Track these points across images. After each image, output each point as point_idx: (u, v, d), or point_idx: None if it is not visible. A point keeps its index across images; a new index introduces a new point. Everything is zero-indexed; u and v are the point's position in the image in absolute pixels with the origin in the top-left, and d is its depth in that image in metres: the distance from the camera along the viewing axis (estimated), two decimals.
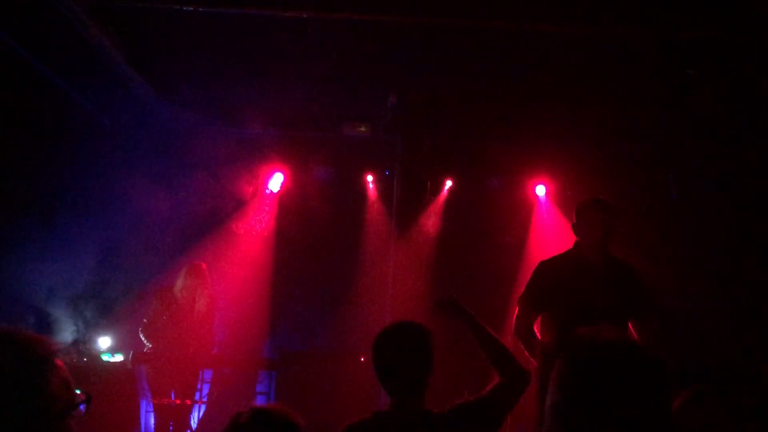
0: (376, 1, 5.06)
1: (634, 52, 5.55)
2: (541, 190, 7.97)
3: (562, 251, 3.98)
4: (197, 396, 6.02)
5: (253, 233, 7.69)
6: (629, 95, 6.41)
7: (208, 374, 6.16)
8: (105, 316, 6.56)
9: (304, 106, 7.18)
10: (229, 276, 7.28)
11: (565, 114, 6.93)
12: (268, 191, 7.82)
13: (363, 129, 7.38)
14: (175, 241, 7.28)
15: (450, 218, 7.92)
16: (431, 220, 7.89)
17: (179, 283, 5.86)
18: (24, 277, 5.79)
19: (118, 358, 5.96)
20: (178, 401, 5.69)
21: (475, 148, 7.76)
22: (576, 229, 3.86)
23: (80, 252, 6.46)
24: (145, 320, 5.83)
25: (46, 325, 6.07)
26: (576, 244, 3.88)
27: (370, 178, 8.04)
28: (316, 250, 7.65)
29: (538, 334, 3.80)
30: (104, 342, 6.40)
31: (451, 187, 8.06)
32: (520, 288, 3.97)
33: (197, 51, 5.97)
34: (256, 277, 7.58)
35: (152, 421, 5.77)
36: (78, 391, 1.52)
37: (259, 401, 6.22)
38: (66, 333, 6.23)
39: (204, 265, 5.99)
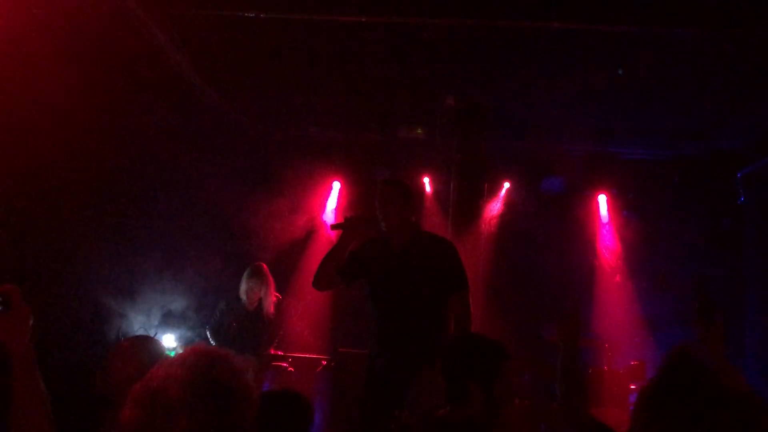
0: (433, 4, 5.07)
1: (701, 53, 5.39)
2: (602, 198, 7.87)
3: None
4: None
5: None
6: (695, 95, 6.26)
7: (268, 373, 6.30)
8: (172, 315, 6.78)
9: (360, 110, 7.24)
10: (290, 275, 7.42)
11: (625, 115, 6.81)
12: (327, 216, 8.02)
13: (419, 132, 7.39)
14: (240, 243, 7.44)
15: (507, 220, 7.86)
16: (488, 223, 7.84)
17: (243, 285, 5.98)
18: (99, 275, 6.03)
19: None
20: None
21: (533, 151, 7.69)
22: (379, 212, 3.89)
23: (148, 255, 6.68)
24: (212, 320, 6.00)
25: (117, 322, 6.31)
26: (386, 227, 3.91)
27: (426, 180, 8.06)
28: None
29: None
30: (168, 339, 6.61)
31: (508, 189, 8.00)
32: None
33: (257, 56, 6.10)
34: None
35: None
36: None
37: (317, 400, 6.31)
38: (135, 330, 6.45)
39: (265, 266, 6.10)
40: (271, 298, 5.99)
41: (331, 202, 8.14)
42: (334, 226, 3.95)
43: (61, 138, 5.25)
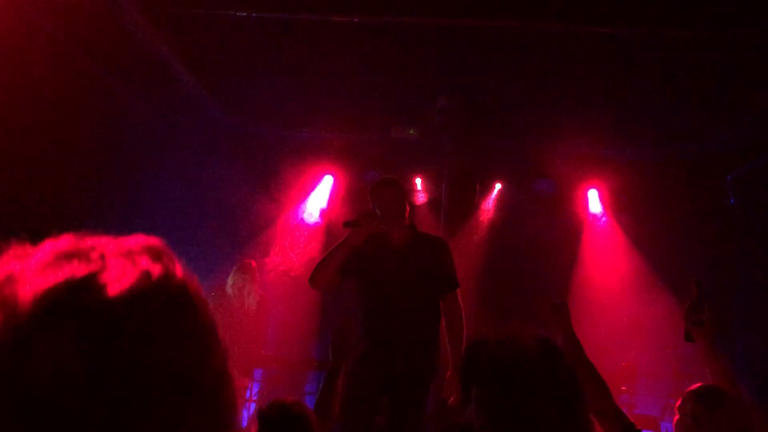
0: (426, 4, 5.07)
1: (695, 55, 5.42)
2: (593, 194, 7.88)
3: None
4: (247, 394, 6.13)
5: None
6: (685, 97, 6.28)
7: (257, 373, 6.27)
8: None
9: (353, 110, 7.23)
10: (282, 275, 7.39)
11: (617, 117, 6.83)
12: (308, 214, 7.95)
13: (412, 132, 7.38)
14: (229, 241, 7.41)
15: (499, 221, 7.87)
16: (480, 223, 7.85)
17: (230, 280, 5.98)
18: None
19: None
20: None
21: (525, 151, 7.71)
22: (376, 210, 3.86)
23: None
24: None
25: None
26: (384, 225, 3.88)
27: (418, 180, 8.05)
28: None
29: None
30: None
31: (500, 190, 8.01)
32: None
33: (249, 55, 6.08)
34: (307, 276, 7.66)
35: None
36: None
37: (308, 401, 6.29)
38: None
39: (254, 263, 6.09)
40: (255, 296, 5.99)
41: (321, 194, 8.06)
42: (347, 223, 3.81)
43: (56, 139, 5.22)
